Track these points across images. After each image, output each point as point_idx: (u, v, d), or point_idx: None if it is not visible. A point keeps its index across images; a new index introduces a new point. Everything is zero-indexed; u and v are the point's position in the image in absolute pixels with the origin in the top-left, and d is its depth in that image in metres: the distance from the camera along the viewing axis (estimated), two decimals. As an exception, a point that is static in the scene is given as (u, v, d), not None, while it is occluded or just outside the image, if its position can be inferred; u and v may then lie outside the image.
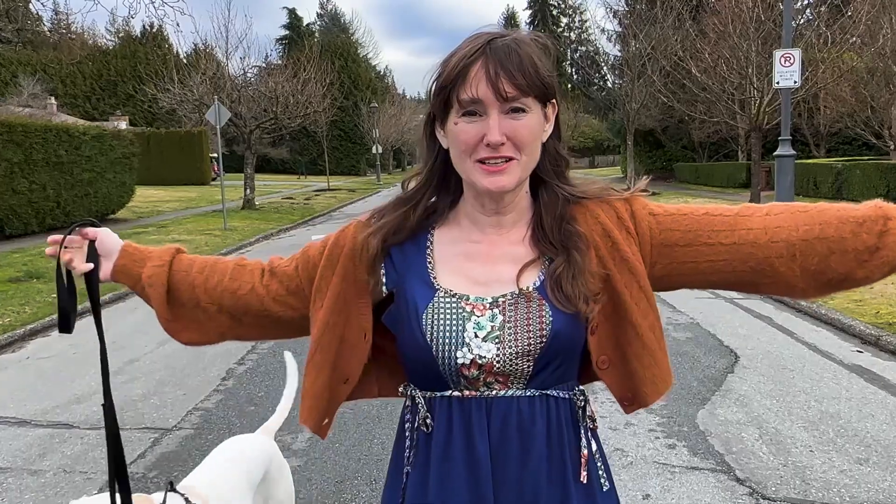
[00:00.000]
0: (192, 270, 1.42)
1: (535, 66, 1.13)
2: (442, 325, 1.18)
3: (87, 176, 17.81)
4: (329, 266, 1.30)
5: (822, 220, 1.19)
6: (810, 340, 6.28)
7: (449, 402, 1.20)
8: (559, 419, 1.21)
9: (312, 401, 1.34)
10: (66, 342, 6.99)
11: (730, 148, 32.76)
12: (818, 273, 1.19)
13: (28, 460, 4.12)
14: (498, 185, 1.15)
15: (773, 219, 1.21)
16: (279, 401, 5.10)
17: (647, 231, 1.23)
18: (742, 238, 1.20)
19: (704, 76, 16.59)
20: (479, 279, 1.21)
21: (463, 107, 1.13)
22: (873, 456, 3.86)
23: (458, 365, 1.17)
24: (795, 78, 9.54)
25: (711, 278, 1.25)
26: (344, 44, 65.24)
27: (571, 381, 1.26)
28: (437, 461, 1.21)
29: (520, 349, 1.16)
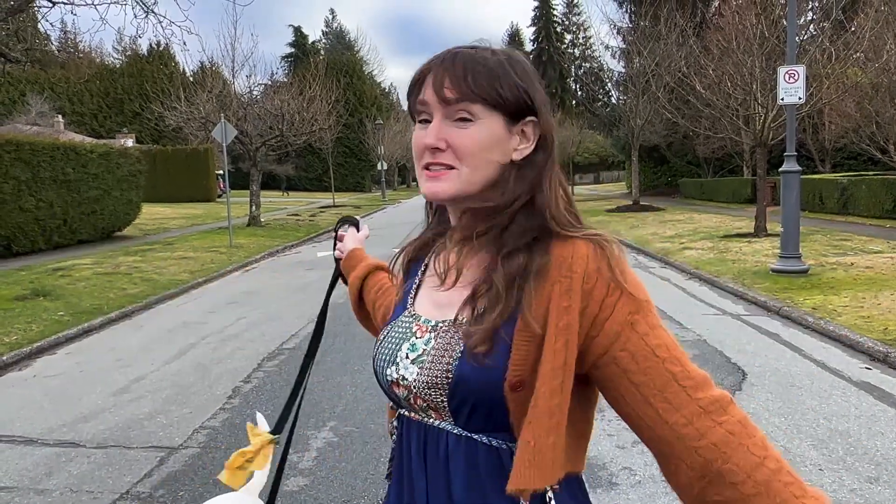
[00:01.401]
0: (373, 290, 1.65)
1: (490, 73, 1.06)
2: (386, 342, 1.18)
3: (93, 193, 17.93)
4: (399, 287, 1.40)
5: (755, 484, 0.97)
6: (818, 357, 6.25)
7: (401, 419, 1.19)
8: (487, 468, 1.07)
9: None
10: (73, 361, 7.02)
11: (734, 163, 32.78)
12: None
13: (34, 480, 4.11)
14: (432, 190, 1.10)
15: (720, 436, 0.99)
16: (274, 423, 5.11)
17: (614, 335, 1.03)
18: (675, 422, 1.01)
19: (708, 92, 16.61)
20: (440, 302, 1.16)
21: (417, 114, 1.12)
22: (884, 475, 3.83)
23: (389, 381, 1.15)
24: (800, 94, 9.55)
25: (627, 419, 1.06)
26: (349, 61, 65.63)
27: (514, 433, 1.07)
28: (395, 476, 1.22)
29: (431, 379, 1.08)
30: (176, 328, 8.37)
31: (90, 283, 11.19)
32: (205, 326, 8.36)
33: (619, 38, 35.45)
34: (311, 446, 4.47)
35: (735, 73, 15.16)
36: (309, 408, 5.09)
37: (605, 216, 25.41)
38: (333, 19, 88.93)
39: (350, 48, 76.75)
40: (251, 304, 9.84)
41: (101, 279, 11.63)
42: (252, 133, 21.48)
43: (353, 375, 5.98)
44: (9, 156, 14.77)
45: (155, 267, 13.20)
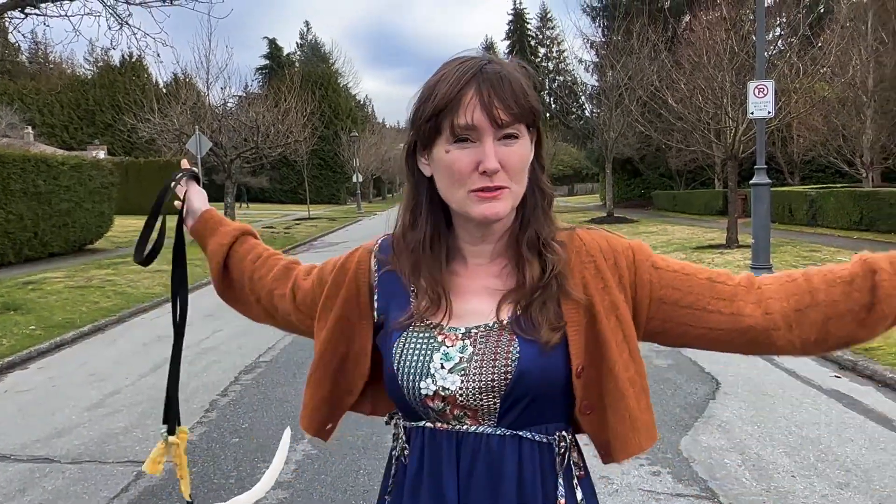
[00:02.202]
0: (247, 258, 1.49)
1: (526, 92, 1.11)
2: (410, 354, 1.16)
3: (65, 206, 17.68)
4: (335, 287, 1.31)
5: (810, 287, 1.15)
6: (789, 366, 6.36)
7: (423, 432, 1.18)
8: (533, 464, 1.14)
9: (313, 411, 1.35)
10: (45, 375, 6.92)
11: (706, 176, 33.24)
12: (819, 342, 1.16)
13: (7, 496, 4.06)
14: (493, 210, 1.11)
15: (764, 290, 1.17)
16: (263, 432, 5.09)
17: (647, 283, 1.18)
18: (740, 310, 1.16)
19: (681, 106, 16.88)
20: (458, 310, 1.18)
21: (456, 134, 1.09)
22: (853, 480, 3.92)
23: (423, 396, 1.14)
24: (769, 108, 9.75)
25: (705, 342, 1.20)
26: (324, 73, 65.58)
27: (554, 423, 1.18)
28: (408, 492, 1.19)
29: (483, 384, 1.11)
30: (150, 342, 8.29)
31: (62, 297, 11.04)
32: (180, 340, 8.27)
33: (593, 53, 35.87)
34: (289, 459, 4.46)
35: (706, 87, 15.43)
36: (286, 421, 5.08)
37: (579, 228, 25.52)
38: (308, 31, 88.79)
39: (325, 60, 76.69)
40: (226, 317, 9.76)
41: (73, 293, 11.48)
42: (227, 145, 21.38)
43: (330, 388, 5.97)
44: (-23, 168, 14.58)
45: (128, 280, 13.06)
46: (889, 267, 1.11)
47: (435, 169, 1.16)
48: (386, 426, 1.31)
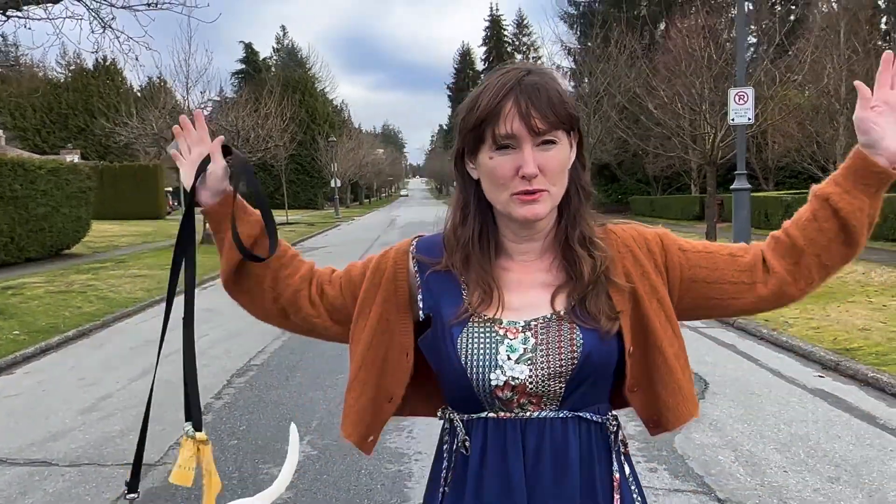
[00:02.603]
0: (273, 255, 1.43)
1: (563, 101, 1.20)
2: (476, 348, 1.22)
3: (42, 210, 17.45)
4: (372, 288, 1.35)
5: (791, 240, 1.30)
6: (774, 367, 6.51)
7: (485, 423, 1.24)
8: (590, 442, 1.25)
9: (357, 416, 1.38)
10: (34, 380, 6.87)
11: (682, 181, 33.64)
12: (824, 274, 1.31)
13: (9, 499, 4.05)
14: (533, 212, 1.21)
15: (766, 254, 1.32)
16: (261, 434, 5.12)
17: (678, 265, 1.31)
18: (759, 278, 1.30)
19: (660, 112, 17.13)
20: (511, 305, 1.26)
21: (497, 142, 1.18)
22: (843, 475, 4.04)
23: (493, 387, 1.21)
24: (749, 115, 9.96)
25: (733, 310, 1.35)
26: (301, 78, 65.38)
27: (603, 404, 1.30)
28: (472, 481, 1.24)
29: (552, 370, 1.20)
30: (137, 346, 8.25)
31: (44, 302, 10.94)
32: (167, 345, 8.23)
33: (570, 59, 36.17)
34: (290, 460, 4.49)
35: (685, 94, 15.68)
36: (283, 422, 5.11)
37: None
38: (285, 36, 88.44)
39: (302, 65, 76.48)
40: (212, 321, 9.73)
41: (54, 297, 11.37)
42: (206, 149, 21.29)
43: (325, 391, 6.01)
44: (-47, 172, 14.38)
45: (109, 285, 12.95)
46: (836, 188, 1.26)
47: (480, 173, 1.25)
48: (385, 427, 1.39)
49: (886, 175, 1.24)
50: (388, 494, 3.97)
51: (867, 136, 1.25)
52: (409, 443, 4.72)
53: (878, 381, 5.74)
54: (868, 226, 1.28)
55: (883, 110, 1.24)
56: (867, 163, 1.24)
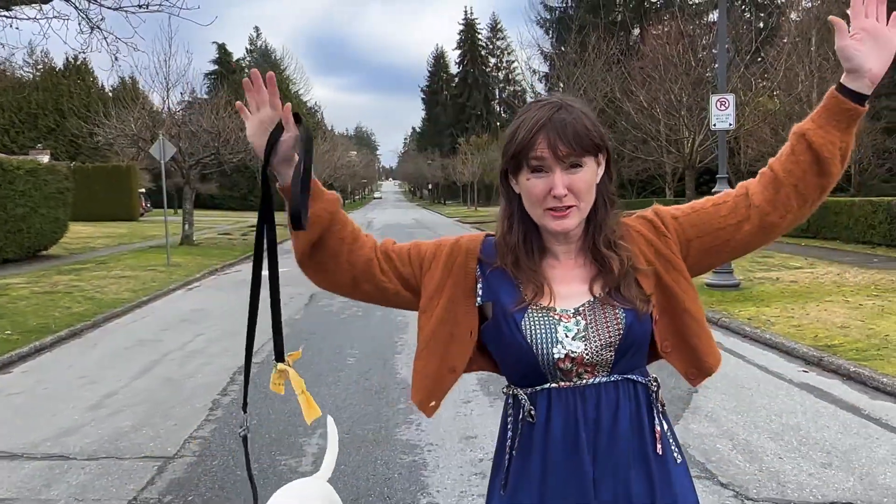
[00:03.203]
0: (347, 228, 1.56)
1: (587, 131, 1.43)
2: (539, 330, 1.45)
3: (20, 211, 17.26)
4: (446, 270, 1.56)
5: (773, 173, 1.50)
6: (760, 363, 6.78)
7: (548, 393, 1.46)
8: (638, 400, 1.47)
9: (422, 382, 1.57)
10: (33, 379, 6.90)
11: (657, 185, 34.17)
12: (803, 203, 1.49)
13: (34, 491, 4.13)
14: (563, 226, 1.46)
15: (750, 189, 1.53)
16: (273, 427, 5.24)
17: (675, 231, 1.54)
18: (742, 216, 1.51)
19: (638, 116, 17.45)
20: (560, 294, 1.49)
21: (531, 167, 1.43)
22: (835, 461, 4.29)
23: (555, 360, 1.44)
24: (731, 121, 10.27)
25: (728, 252, 1.57)
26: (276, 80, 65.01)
27: (644, 368, 1.54)
28: (539, 444, 1.46)
29: (603, 342, 1.44)
30: (133, 346, 8.30)
31: (32, 302, 10.90)
32: (162, 344, 8.32)
33: (546, 63, 36.54)
34: (306, 451, 4.64)
35: (663, 98, 16.02)
36: (293, 416, 5.24)
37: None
38: (258, 37, 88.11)
39: (276, 67, 76.16)
40: (205, 321, 9.81)
41: (41, 298, 11.33)
42: (186, 151, 21.20)
43: (330, 387, 6.15)
44: (-68, 171, 14.20)
45: (94, 286, 12.92)
46: (812, 124, 1.45)
47: (521, 191, 1.49)
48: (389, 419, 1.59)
49: (855, 112, 1.42)
50: (406, 483, 4.13)
51: (851, 62, 1.40)
52: (419, 435, 4.88)
53: (860, 376, 6.02)
54: (840, 158, 1.45)
55: (862, 37, 1.40)
56: (839, 101, 1.42)
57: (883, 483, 3.97)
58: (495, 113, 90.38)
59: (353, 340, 8.17)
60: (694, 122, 15.12)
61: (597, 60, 24.50)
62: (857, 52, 1.39)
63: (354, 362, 7.09)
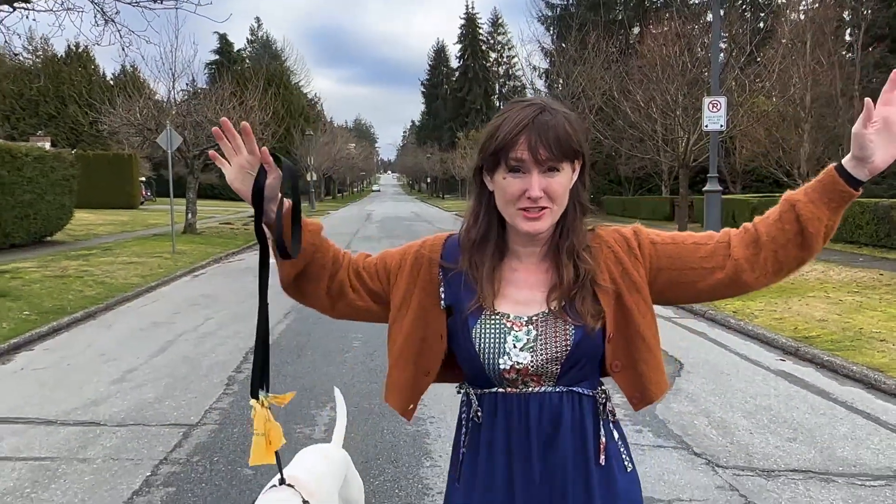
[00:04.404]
0: (328, 254, 1.60)
1: (568, 136, 1.42)
2: (488, 338, 1.49)
3: (27, 197, 17.62)
4: (412, 279, 1.59)
5: (756, 234, 1.49)
6: (741, 351, 7.22)
7: (495, 397, 1.51)
8: (582, 412, 1.50)
9: (399, 390, 1.62)
10: (55, 356, 7.31)
11: (654, 183, 34.61)
12: (778, 270, 1.49)
13: (72, 451, 4.54)
14: (535, 228, 1.45)
15: (732, 241, 1.51)
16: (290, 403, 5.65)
17: (650, 257, 1.54)
18: (718, 263, 1.50)
19: (634, 115, 17.84)
20: (518, 300, 1.51)
21: (510, 166, 1.43)
22: (800, 436, 4.73)
23: (501, 370, 1.48)
24: (722, 122, 10.69)
25: (694, 293, 1.55)
26: (277, 71, 65.33)
27: (594, 380, 1.55)
28: (484, 444, 1.53)
29: (549, 356, 1.46)
30: (147, 327, 8.70)
31: (45, 286, 11.29)
32: (175, 325, 8.73)
33: (547, 60, 36.86)
34: (317, 422, 5.06)
35: (659, 98, 16.43)
36: (305, 391, 5.66)
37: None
38: (259, 27, 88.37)
39: (277, 58, 76.38)
40: (214, 306, 10.22)
41: (54, 282, 11.72)
42: (191, 141, 21.56)
43: (337, 367, 6.57)
44: (-56, 157, 14.55)
45: (104, 271, 13.30)
46: (804, 196, 1.45)
47: (495, 188, 1.50)
48: None
49: (849, 195, 1.42)
50: (411, 449, 4.56)
51: (863, 151, 1.38)
52: (422, 409, 5.29)
53: (832, 364, 6.46)
54: (824, 236, 1.45)
55: (879, 128, 1.36)
56: (835, 181, 1.42)
57: (840, 456, 4.40)
58: (495, 108, 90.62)
59: (358, 325, 8.58)
60: (689, 122, 15.52)
61: (596, 59, 24.90)
62: (870, 144, 1.37)
63: (360, 345, 7.50)
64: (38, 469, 4.27)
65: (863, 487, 3.94)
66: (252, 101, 23.10)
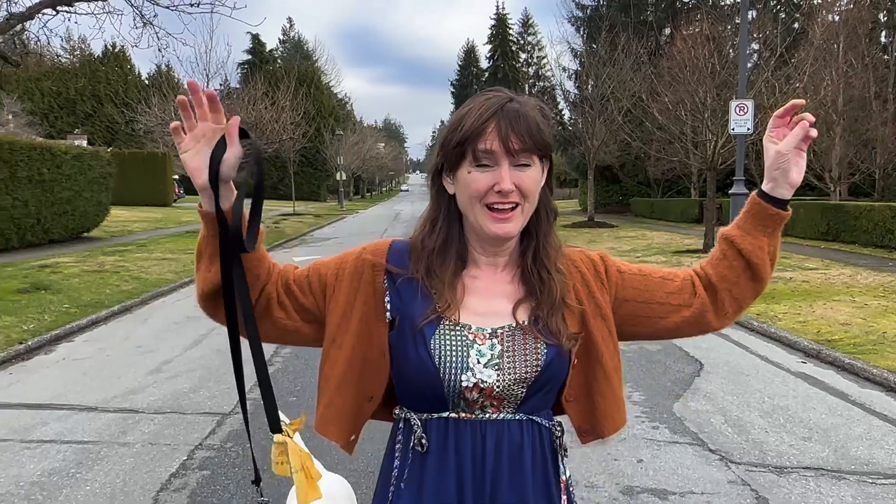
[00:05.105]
0: (264, 264, 1.40)
1: (540, 130, 1.30)
2: (449, 351, 1.29)
3: (66, 194, 18.14)
4: (352, 290, 1.39)
5: (708, 276, 1.46)
6: (762, 353, 7.28)
7: (445, 423, 1.32)
8: (542, 445, 1.35)
9: (340, 419, 1.41)
10: (95, 347, 7.61)
11: (683, 185, 34.43)
12: (737, 307, 1.46)
13: (113, 436, 4.80)
14: (505, 231, 1.31)
15: (695, 281, 1.47)
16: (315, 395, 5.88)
17: (615, 285, 1.44)
18: (685, 301, 1.45)
19: (663, 117, 17.84)
20: (477, 310, 1.35)
21: (477, 158, 1.28)
22: (815, 436, 4.82)
23: (462, 387, 1.29)
24: (749, 126, 10.72)
25: (655, 330, 1.48)
26: (308, 71, 66.03)
27: (549, 411, 1.41)
28: (431, 478, 1.31)
29: (517, 376, 1.30)
30: (182, 321, 8.99)
31: (83, 280, 11.67)
32: (208, 320, 8.92)
33: (577, 61, 36.81)
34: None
35: (688, 101, 16.42)
36: (293, 398, 5.86)
37: (562, 231, 26.35)
38: (291, 28, 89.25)
39: (308, 58, 77.15)
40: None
41: (91, 276, 12.10)
42: (224, 140, 21.98)
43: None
44: (-11, 155, 15.04)
45: (139, 267, 13.69)
46: (738, 230, 1.43)
47: (457, 187, 1.34)
48: None
49: (780, 217, 1.40)
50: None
51: (786, 175, 1.39)
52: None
53: (853, 367, 6.51)
54: (770, 262, 1.43)
55: (795, 150, 1.38)
56: (763, 208, 1.40)
57: (854, 455, 4.49)
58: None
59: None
60: (717, 124, 15.51)
61: (626, 60, 24.89)
62: (794, 165, 1.38)
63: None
64: (82, 451, 4.52)
65: (873, 485, 4.04)
66: (283, 101, 23.47)
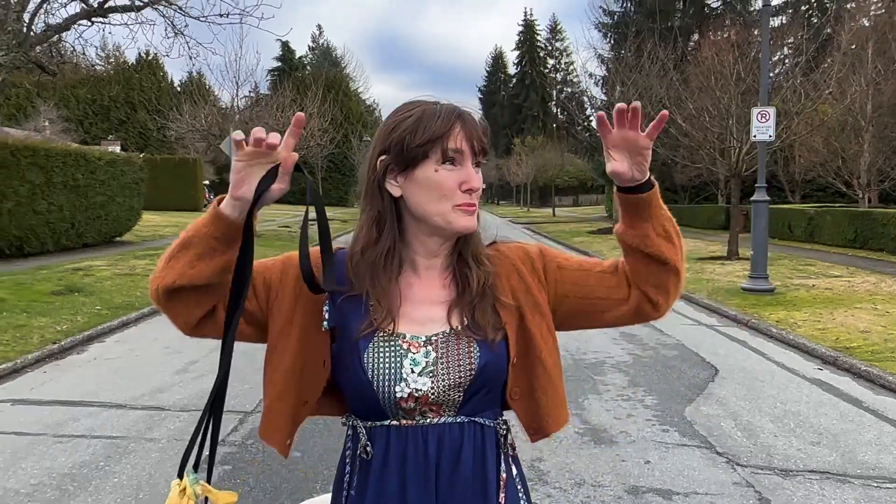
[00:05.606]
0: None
1: (488, 134, 1.35)
2: (382, 362, 1.29)
3: (99, 199, 18.59)
4: (294, 296, 1.38)
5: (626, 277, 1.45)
6: (779, 360, 7.32)
7: (388, 430, 1.32)
8: (484, 445, 1.34)
9: (278, 423, 1.42)
10: (125, 347, 7.87)
11: (710, 191, 34.22)
12: (665, 294, 1.46)
13: (140, 432, 5.01)
14: (472, 224, 1.33)
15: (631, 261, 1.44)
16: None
17: (554, 281, 1.43)
18: (625, 293, 1.44)
19: (688, 124, 17.83)
20: (414, 318, 1.34)
21: (447, 157, 1.29)
22: (824, 440, 4.87)
23: (397, 398, 1.29)
24: (770, 133, 10.73)
25: (601, 322, 1.48)
26: (336, 78, 66.70)
27: (496, 409, 1.40)
28: (374, 484, 1.33)
29: (451, 382, 1.30)
30: (208, 323, 9.23)
31: (114, 283, 12.01)
32: (234, 323, 9.22)
33: (603, 67, 36.82)
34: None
35: (713, 108, 16.41)
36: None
37: (587, 237, 26.61)
38: (320, 35, 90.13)
39: (336, 65, 77.97)
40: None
41: (123, 279, 12.44)
42: (252, 146, 22.36)
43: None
44: (26, 160, 15.47)
45: (169, 270, 14.01)
46: (622, 227, 1.42)
47: (414, 188, 1.32)
48: None
49: (643, 201, 1.37)
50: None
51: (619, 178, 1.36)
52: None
53: (869, 374, 6.53)
54: (665, 242, 1.40)
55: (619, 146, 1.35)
56: (625, 199, 1.39)
57: (861, 459, 4.54)
58: (552, 114, 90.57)
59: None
60: (742, 131, 15.48)
61: (652, 66, 24.85)
62: (622, 169, 1.35)
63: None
64: (111, 446, 4.74)
65: (878, 489, 4.10)
66: (312, 108, 23.82)
